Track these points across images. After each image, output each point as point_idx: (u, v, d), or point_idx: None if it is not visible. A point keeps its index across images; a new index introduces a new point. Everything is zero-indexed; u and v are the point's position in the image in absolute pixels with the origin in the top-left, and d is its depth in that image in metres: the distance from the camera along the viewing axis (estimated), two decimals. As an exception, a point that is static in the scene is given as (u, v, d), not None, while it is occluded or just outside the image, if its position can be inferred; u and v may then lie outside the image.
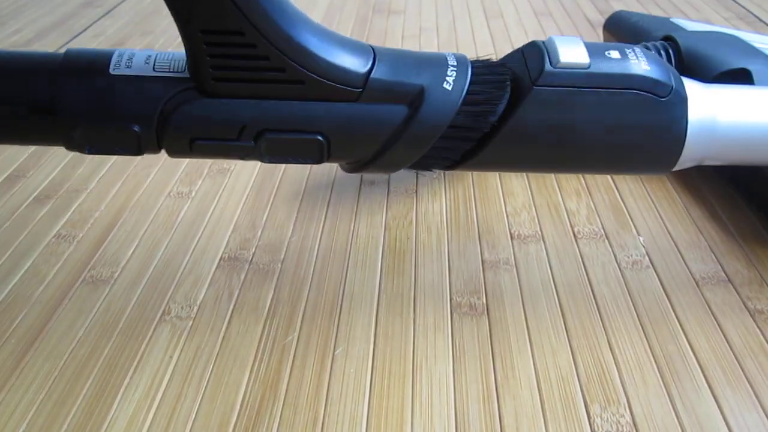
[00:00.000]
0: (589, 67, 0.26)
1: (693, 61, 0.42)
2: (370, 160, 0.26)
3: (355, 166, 0.27)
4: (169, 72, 0.24)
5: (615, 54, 0.27)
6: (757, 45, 0.43)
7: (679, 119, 0.27)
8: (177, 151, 0.25)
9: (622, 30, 0.53)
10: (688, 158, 0.28)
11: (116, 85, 0.24)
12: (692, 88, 0.28)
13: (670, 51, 0.43)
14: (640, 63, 0.26)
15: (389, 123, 0.25)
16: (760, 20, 0.67)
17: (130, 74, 0.24)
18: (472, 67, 0.26)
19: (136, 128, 0.24)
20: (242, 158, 0.25)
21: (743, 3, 0.72)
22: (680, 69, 0.43)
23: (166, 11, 0.76)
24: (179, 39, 0.24)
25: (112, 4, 0.78)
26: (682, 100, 0.27)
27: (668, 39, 0.44)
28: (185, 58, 0.25)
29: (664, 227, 0.38)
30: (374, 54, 0.25)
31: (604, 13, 0.69)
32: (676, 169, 0.29)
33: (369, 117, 0.25)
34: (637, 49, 0.27)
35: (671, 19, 0.51)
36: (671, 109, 0.27)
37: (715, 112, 0.28)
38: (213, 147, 0.24)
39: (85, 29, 0.71)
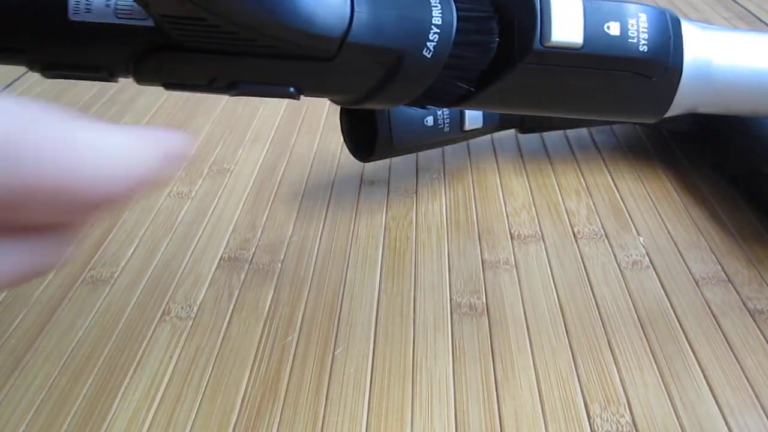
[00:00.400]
0: (582, 48, 0.24)
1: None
2: (343, 104, 0.26)
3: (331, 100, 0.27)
4: (133, 19, 0.22)
5: (614, 29, 0.25)
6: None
7: (673, 87, 0.26)
8: (148, 85, 0.24)
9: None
10: (680, 106, 0.27)
11: (79, 36, 0.22)
12: (689, 32, 0.26)
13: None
14: (638, 41, 0.25)
15: (364, 82, 0.24)
16: (760, 20, 0.67)
17: (91, 21, 0.22)
18: (457, 24, 0.24)
19: (104, 73, 0.23)
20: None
21: (743, 3, 0.72)
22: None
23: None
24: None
25: (113, 4, 0.77)
26: (677, 74, 0.26)
27: (668, 39, 0.44)
28: None
29: (664, 227, 0.38)
30: (351, 6, 0.23)
31: (604, 13, 0.69)
32: (667, 116, 0.28)
33: (343, 75, 0.23)
34: (642, 18, 0.25)
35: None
36: (666, 83, 0.26)
37: (711, 56, 0.27)
38: (185, 89, 0.24)
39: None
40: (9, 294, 0.34)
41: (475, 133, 0.41)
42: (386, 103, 0.25)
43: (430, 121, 0.39)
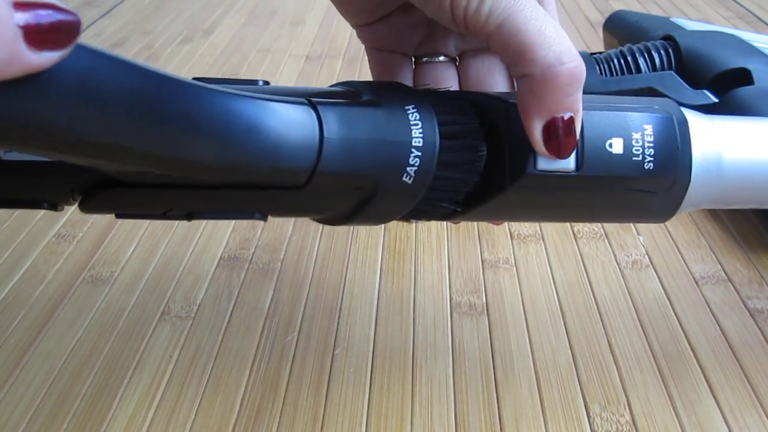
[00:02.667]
0: (579, 170, 0.22)
1: (693, 60, 0.42)
2: (321, 222, 0.24)
3: None
4: None
5: (617, 146, 0.22)
6: (756, 44, 0.43)
7: (680, 197, 0.23)
8: (95, 214, 0.22)
9: (621, 30, 0.53)
10: (686, 207, 0.24)
11: (13, 173, 0.20)
12: (697, 128, 0.23)
13: (670, 50, 0.43)
14: (643, 158, 0.22)
15: (338, 207, 0.22)
16: (760, 20, 0.67)
17: (26, 160, 0.20)
18: (440, 142, 0.21)
19: (46, 205, 0.21)
20: None
21: (743, 2, 0.72)
22: (680, 69, 0.43)
23: (165, 11, 0.75)
24: (179, 38, 0.24)
25: (112, 4, 0.78)
26: (684, 185, 0.23)
27: (668, 38, 0.44)
28: None
29: (664, 227, 0.38)
30: (320, 134, 0.20)
31: (604, 12, 0.69)
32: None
33: (314, 201, 0.21)
34: (647, 131, 0.22)
35: (671, 19, 0.51)
36: (673, 195, 0.23)
37: (721, 152, 0.24)
38: (138, 218, 0.21)
39: (85, 29, 0.71)
40: (9, 294, 0.34)
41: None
42: (368, 224, 0.23)
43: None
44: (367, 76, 0.63)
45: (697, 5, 0.72)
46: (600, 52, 0.44)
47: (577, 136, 0.21)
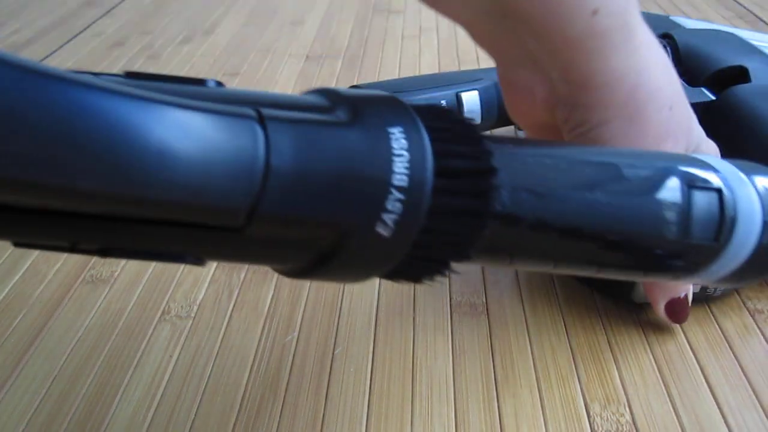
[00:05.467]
0: None
1: (690, 58, 0.42)
2: (282, 274, 0.18)
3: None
4: None
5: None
6: (755, 43, 0.43)
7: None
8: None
9: (621, 29, 0.53)
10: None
11: None
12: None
13: (668, 48, 0.43)
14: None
15: (291, 259, 0.16)
16: (760, 19, 0.67)
17: None
18: (433, 182, 0.15)
19: None
20: None
21: (743, 2, 0.72)
22: (678, 66, 0.43)
23: (165, 11, 0.75)
24: (179, 38, 0.24)
25: (112, 3, 0.78)
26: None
27: (666, 36, 0.44)
28: None
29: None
30: (266, 161, 0.14)
31: (604, 12, 0.69)
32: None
33: (258, 250, 0.16)
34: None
35: (670, 17, 0.51)
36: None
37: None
38: (42, 249, 0.16)
39: (84, 29, 0.71)
40: (9, 293, 0.34)
41: (474, 131, 0.41)
42: (334, 281, 0.18)
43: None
44: (367, 76, 0.63)
45: (697, 5, 0.72)
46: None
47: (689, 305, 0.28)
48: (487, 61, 0.59)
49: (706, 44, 0.43)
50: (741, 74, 0.41)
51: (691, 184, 0.20)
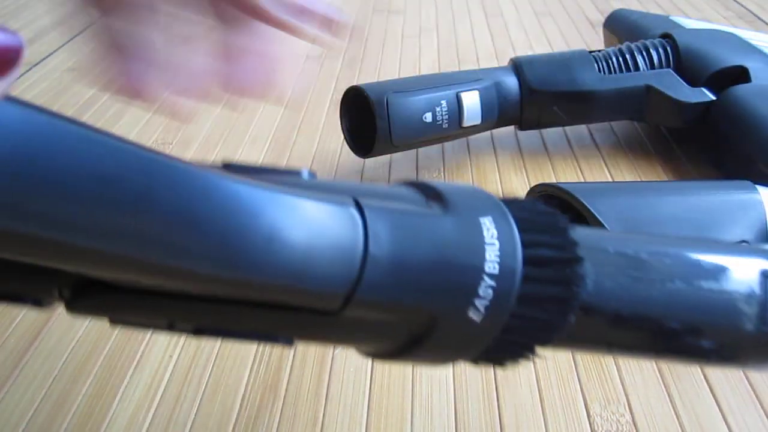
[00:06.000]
0: None
1: (691, 58, 0.42)
2: (368, 356, 0.18)
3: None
4: None
5: None
6: (755, 43, 0.43)
7: None
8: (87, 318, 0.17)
9: (621, 28, 0.53)
10: None
11: None
12: None
13: (668, 48, 0.43)
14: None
15: (382, 342, 0.17)
16: (760, 19, 0.67)
17: None
18: (522, 271, 0.16)
19: (30, 302, 0.17)
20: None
21: (743, 2, 0.72)
22: (678, 66, 0.43)
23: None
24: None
25: (112, 3, 0.77)
26: None
27: (666, 37, 0.44)
28: None
29: (664, 226, 0.38)
30: (365, 249, 0.15)
31: (604, 12, 0.69)
32: None
33: (351, 333, 0.16)
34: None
35: (670, 17, 0.51)
36: None
37: None
38: (138, 327, 0.17)
39: (85, 29, 0.70)
40: (9, 294, 0.34)
41: (474, 129, 0.41)
42: (423, 364, 0.19)
43: (428, 117, 0.39)
44: (367, 76, 0.63)
45: (697, 4, 0.72)
46: (599, 50, 0.44)
47: None
48: (487, 61, 0.59)
49: (707, 44, 0.43)
50: (741, 74, 0.41)
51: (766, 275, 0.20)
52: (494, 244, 0.16)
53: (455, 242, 0.16)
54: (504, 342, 0.17)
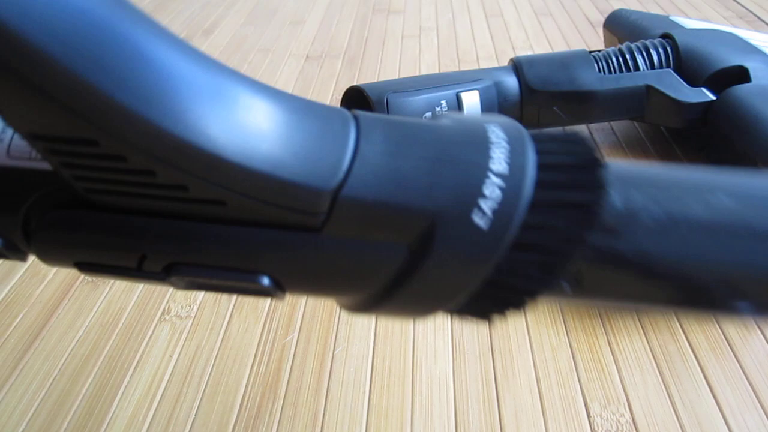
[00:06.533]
0: None
1: (691, 58, 0.42)
2: (348, 308, 0.16)
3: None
4: (30, 161, 0.15)
5: None
6: (755, 43, 0.43)
7: None
8: (55, 265, 0.16)
9: (621, 28, 0.53)
10: None
11: None
12: None
13: (668, 48, 0.43)
14: None
15: (373, 269, 0.14)
16: (760, 19, 0.67)
17: None
18: (536, 174, 0.14)
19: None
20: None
21: (743, 2, 0.72)
22: (678, 66, 0.43)
23: (165, 11, 0.75)
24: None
25: (112, 3, 0.77)
26: None
27: (666, 37, 0.44)
28: None
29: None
30: (356, 144, 0.14)
31: (604, 12, 0.69)
32: None
33: (339, 257, 0.14)
34: None
35: (670, 17, 0.51)
36: None
37: None
38: (109, 274, 0.15)
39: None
40: (9, 293, 0.34)
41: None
42: (410, 310, 0.15)
43: (428, 116, 0.39)
44: (367, 76, 0.63)
45: (696, 4, 0.72)
46: (599, 50, 0.44)
47: None
48: (487, 61, 0.59)
49: (707, 44, 0.43)
50: (741, 74, 0.41)
51: None
52: (500, 144, 0.14)
53: (455, 140, 0.14)
54: (514, 263, 0.14)
